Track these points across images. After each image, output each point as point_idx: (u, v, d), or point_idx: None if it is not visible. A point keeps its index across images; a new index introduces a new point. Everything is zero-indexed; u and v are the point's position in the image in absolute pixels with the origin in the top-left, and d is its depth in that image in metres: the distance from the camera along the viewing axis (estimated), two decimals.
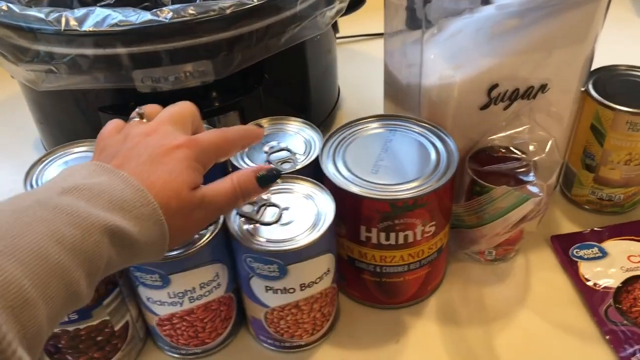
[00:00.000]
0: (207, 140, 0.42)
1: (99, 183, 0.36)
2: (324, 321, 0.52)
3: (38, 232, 0.31)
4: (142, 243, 0.36)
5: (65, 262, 0.32)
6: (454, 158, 0.51)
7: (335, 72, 0.80)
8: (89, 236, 0.33)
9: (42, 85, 0.60)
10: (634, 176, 0.61)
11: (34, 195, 0.34)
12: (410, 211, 0.48)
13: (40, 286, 0.30)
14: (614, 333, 0.52)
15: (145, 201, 0.36)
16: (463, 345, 0.53)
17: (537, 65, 0.54)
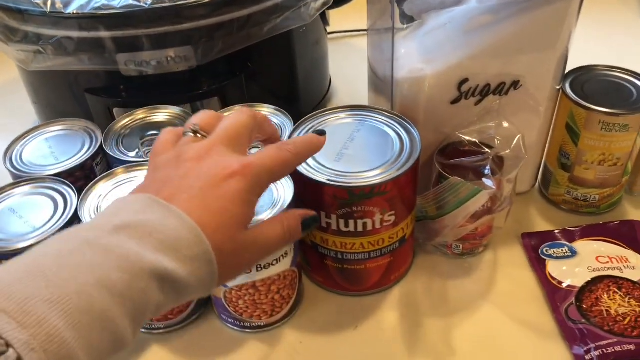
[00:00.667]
0: (262, 166, 0.39)
1: (152, 220, 0.34)
2: (284, 303, 0.54)
3: (84, 278, 0.30)
4: (191, 285, 0.35)
5: (112, 311, 0.31)
6: (416, 149, 0.51)
7: (325, 64, 0.81)
8: (138, 282, 0.32)
9: (31, 66, 0.63)
10: (608, 177, 0.61)
11: (82, 232, 0.33)
12: (367, 199, 0.49)
13: (84, 338, 0.29)
14: (571, 331, 0.52)
15: (198, 240, 0.35)
16: (421, 335, 0.54)
17: (508, 61, 0.55)
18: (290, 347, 0.54)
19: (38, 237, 0.47)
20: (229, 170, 0.38)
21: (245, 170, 0.38)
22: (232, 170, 0.38)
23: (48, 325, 0.28)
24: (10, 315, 0.27)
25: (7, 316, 0.27)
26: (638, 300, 0.54)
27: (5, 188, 0.52)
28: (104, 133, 0.57)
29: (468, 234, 0.57)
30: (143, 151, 0.56)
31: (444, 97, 0.56)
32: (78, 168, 0.55)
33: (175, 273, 0.33)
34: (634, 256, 0.58)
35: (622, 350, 0.50)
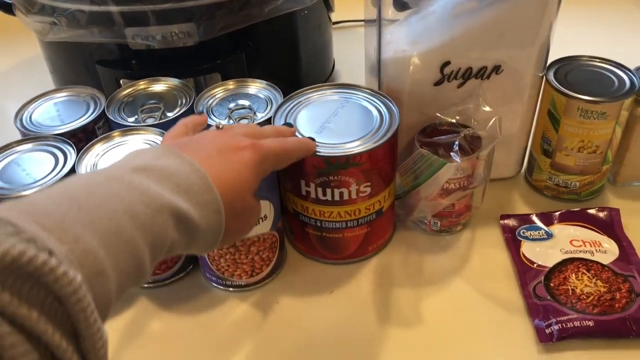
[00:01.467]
0: (270, 148, 0.45)
1: (167, 165, 0.37)
2: (263, 265, 0.57)
3: (114, 206, 0.32)
4: (201, 229, 0.37)
5: (136, 238, 0.32)
6: (394, 124, 0.54)
7: (328, 49, 0.84)
8: (159, 216, 0.34)
9: (47, 36, 0.67)
10: (588, 164, 0.63)
11: (105, 172, 0.36)
12: (343, 169, 0.52)
13: (113, 258, 0.31)
14: (536, 306, 0.55)
15: (209, 188, 0.38)
16: (393, 303, 0.57)
17: (489, 46, 0.57)
18: (267, 306, 0.57)
19: (38, 187, 0.51)
20: (242, 144, 0.43)
21: (256, 146, 0.43)
22: (244, 144, 0.43)
23: (83, 242, 0.29)
24: (49, 230, 0.28)
25: (46, 231, 0.28)
26: (605, 282, 0.56)
27: (12, 144, 0.56)
28: (107, 100, 0.62)
29: (445, 211, 0.60)
30: (141, 117, 0.60)
31: (427, 78, 0.59)
32: (80, 130, 0.59)
33: (190, 214, 0.36)
34: (608, 241, 0.60)
35: (581, 325, 0.52)
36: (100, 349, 0.28)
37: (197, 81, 0.69)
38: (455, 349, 0.53)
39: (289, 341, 0.54)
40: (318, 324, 0.55)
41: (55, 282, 0.26)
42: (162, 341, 0.54)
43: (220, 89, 0.63)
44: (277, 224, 0.56)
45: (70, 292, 0.26)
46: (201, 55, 0.69)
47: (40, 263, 0.25)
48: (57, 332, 0.26)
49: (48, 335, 0.26)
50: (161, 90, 0.64)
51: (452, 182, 0.56)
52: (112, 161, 0.52)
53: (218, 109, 0.60)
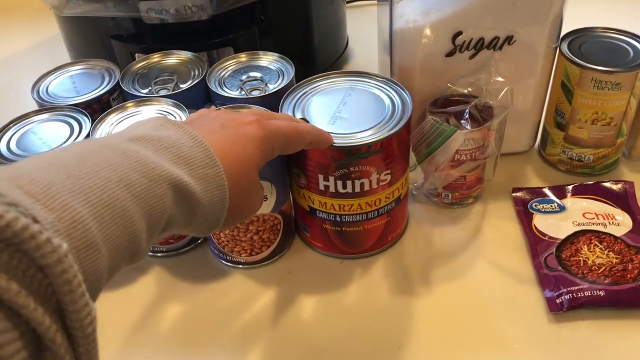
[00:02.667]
0: (277, 125, 0.42)
1: (168, 136, 0.35)
2: (263, 246, 0.57)
3: (106, 174, 0.30)
4: (203, 205, 0.35)
5: (131, 210, 0.30)
6: (408, 108, 0.52)
7: (341, 25, 0.84)
8: (156, 186, 0.31)
9: (63, 11, 0.68)
10: (602, 137, 0.62)
11: (100, 141, 0.33)
12: (364, 158, 0.50)
13: (105, 231, 0.28)
14: (547, 277, 0.54)
15: (212, 162, 0.35)
16: (403, 275, 0.57)
17: (501, 15, 0.57)
18: (279, 275, 0.58)
19: None
20: (247, 119, 0.41)
21: (262, 122, 0.41)
22: (249, 119, 0.41)
23: (72, 211, 0.26)
24: (35, 196, 0.26)
25: (32, 197, 0.26)
26: (617, 253, 0.55)
27: (29, 114, 0.57)
28: (121, 72, 0.62)
29: (456, 184, 0.60)
30: (155, 89, 0.60)
31: (439, 49, 0.59)
32: (95, 100, 0.60)
33: (190, 186, 0.33)
34: (621, 214, 0.60)
35: (592, 295, 0.52)
36: (88, 326, 0.25)
37: (210, 55, 0.69)
38: (466, 319, 0.53)
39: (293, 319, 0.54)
40: (328, 291, 0.56)
41: (36, 250, 0.23)
42: (170, 309, 0.55)
43: (233, 62, 0.63)
44: (280, 207, 0.56)
45: (53, 261, 0.24)
46: (214, 29, 0.69)
47: (19, 228, 0.23)
48: (39, 307, 0.24)
49: (29, 310, 0.23)
50: (174, 63, 0.64)
51: (463, 152, 0.56)
52: None
53: (230, 81, 0.61)
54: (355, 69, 0.84)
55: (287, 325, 0.53)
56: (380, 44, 0.72)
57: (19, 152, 0.53)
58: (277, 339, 0.52)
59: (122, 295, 0.57)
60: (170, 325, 0.54)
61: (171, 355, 0.52)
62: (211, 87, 0.60)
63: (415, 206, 0.64)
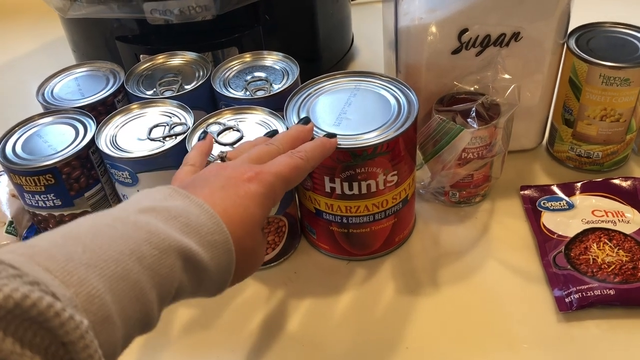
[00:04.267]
0: (276, 173, 0.42)
1: (175, 206, 0.36)
2: (268, 248, 0.56)
3: (120, 247, 0.31)
4: (211, 271, 0.36)
5: (143, 282, 0.31)
6: (414, 108, 0.52)
7: (346, 23, 0.83)
8: (166, 257, 0.33)
9: (68, 13, 0.68)
10: (611, 133, 0.61)
11: (111, 213, 0.34)
12: (370, 159, 0.49)
13: (119, 303, 0.29)
14: (556, 276, 0.54)
15: (219, 228, 0.36)
16: (410, 274, 0.57)
17: (508, 12, 0.56)
18: (285, 276, 0.57)
19: (59, 157, 0.52)
20: (247, 175, 0.40)
21: (261, 176, 0.41)
22: (248, 175, 0.40)
23: (89, 285, 0.28)
24: (53, 273, 0.27)
25: (50, 274, 0.27)
26: (627, 251, 0.55)
27: (34, 117, 0.57)
28: (126, 74, 0.62)
29: (464, 182, 0.59)
30: (159, 90, 0.60)
31: (445, 47, 0.58)
32: (100, 103, 0.60)
33: (199, 255, 0.34)
34: (631, 211, 0.59)
35: (601, 294, 0.51)
36: None
37: (215, 55, 0.69)
38: (474, 319, 0.52)
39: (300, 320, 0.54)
40: (335, 293, 0.55)
41: (60, 327, 0.25)
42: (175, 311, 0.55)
43: (237, 62, 0.63)
44: (285, 209, 0.55)
45: (76, 337, 0.25)
46: (218, 29, 0.69)
47: (44, 307, 0.24)
48: None
49: None
50: (179, 64, 0.64)
51: (470, 151, 0.56)
52: (130, 133, 0.54)
53: (235, 82, 0.60)
54: (360, 66, 0.85)
55: (294, 326, 0.53)
56: (386, 42, 0.72)
57: (24, 156, 0.53)
58: (285, 340, 0.52)
59: None
60: (178, 327, 0.54)
61: (180, 358, 0.52)
62: (216, 88, 0.59)
63: (422, 205, 0.63)
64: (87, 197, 0.55)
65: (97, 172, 0.55)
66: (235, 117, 0.55)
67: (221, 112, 0.56)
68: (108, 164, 0.53)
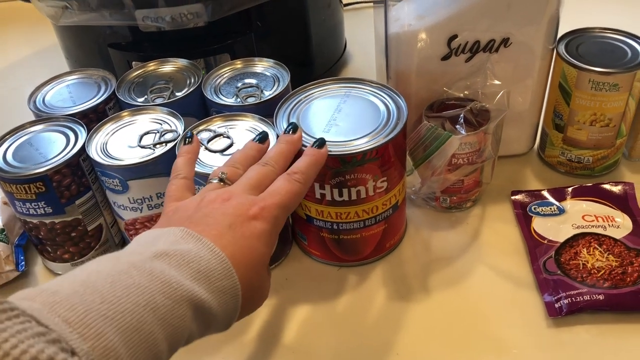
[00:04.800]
0: (278, 205, 0.42)
1: (188, 251, 0.36)
2: None
3: (135, 298, 0.32)
4: (219, 316, 0.37)
5: (156, 334, 0.32)
6: (403, 114, 0.52)
7: (339, 29, 0.84)
8: (178, 308, 0.34)
9: (60, 21, 0.69)
10: (601, 138, 0.61)
11: (126, 258, 0.35)
12: (360, 166, 0.50)
13: (133, 355, 0.30)
14: (545, 281, 0.54)
15: (228, 273, 0.37)
16: (398, 278, 0.57)
17: (497, 17, 0.56)
18: (277, 282, 0.57)
19: (50, 165, 0.52)
20: (252, 211, 0.40)
21: (265, 212, 0.41)
22: (254, 212, 0.40)
23: (105, 339, 0.29)
24: (72, 325, 0.29)
25: (69, 326, 0.29)
26: (617, 256, 0.55)
27: (25, 125, 0.57)
28: (117, 81, 0.62)
29: (454, 187, 0.60)
30: (151, 97, 0.60)
31: (434, 53, 0.59)
32: (91, 110, 0.60)
33: (208, 303, 0.35)
34: (621, 216, 0.59)
35: (591, 299, 0.51)
36: None
37: (207, 62, 0.69)
38: (464, 324, 0.52)
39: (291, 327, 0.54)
40: (326, 299, 0.56)
41: None
42: None
43: (228, 69, 0.63)
44: None
45: None
46: (211, 36, 0.69)
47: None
48: None
49: None
50: (170, 70, 0.64)
51: (460, 156, 0.56)
52: (121, 140, 0.54)
53: (226, 88, 0.60)
54: (353, 72, 0.85)
55: (285, 333, 0.53)
56: (378, 47, 0.72)
57: (15, 164, 0.53)
58: (276, 347, 0.52)
59: None
60: None
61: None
62: (207, 95, 0.60)
63: (413, 210, 0.63)
64: (78, 204, 0.55)
65: (88, 180, 0.55)
66: (226, 123, 0.55)
67: (211, 119, 0.56)
68: (98, 171, 0.53)
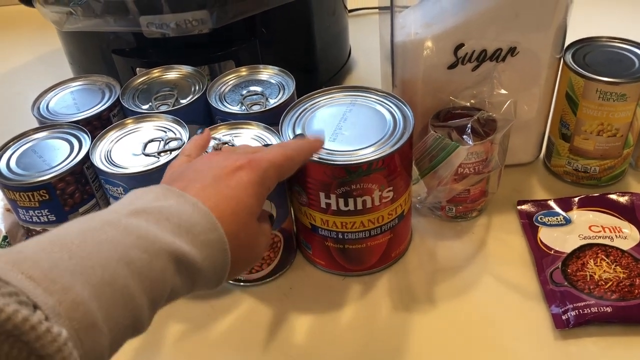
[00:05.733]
0: (269, 160, 0.41)
1: (168, 206, 0.35)
2: (263, 264, 0.56)
3: (107, 253, 0.31)
4: (205, 271, 0.35)
5: (132, 287, 0.31)
6: (409, 123, 0.51)
7: (343, 36, 0.83)
8: (157, 261, 0.32)
9: (64, 26, 0.68)
10: (608, 148, 0.61)
11: (102, 216, 0.34)
12: (366, 176, 0.49)
13: (106, 310, 0.29)
14: (552, 292, 0.54)
15: (213, 226, 0.36)
16: (404, 287, 0.56)
17: (504, 27, 0.56)
18: (281, 292, 0.57)
19: (53, 172, 0.52)
20: (238, 162, 0.40)
21: (253, 163, 0.40)
22: (240, 163, 0.40)
23: (73, 293, 0.27)
24: (36, 281, 0.27)
25: (33, 282, 0.27)
26: (624, 268, 0.54)
27: (29, 132, 0.57)
28: (122, 88, 0.62)
29: (460, 197, 0.59)
30: (155, 105, 0.60)
31: (441, 62, 0.58)
32: (95, 117, 0.60)
33: (191, 256, 0.34)
34: (628, 227, 0.59)
35: (598, 311, 0.51)
36: None
37: (211, 69, 0.69)
38: (470, 335, 0.52)
39: (295, 337, 0.54)
40: (330, 309, 0.55)
41: (37, 341, 0.24)
42: (169, 326, 0.55)
43: (233, 76, 0.63)
44: (280, 225, 0.55)
45: (54, 350, 0.25)
46: (215, 43, 0.69)
47: (19, 320, 0.24)
48: None
49: None
50: (175, 77, 0.64)
51: (467, 166, 0.55)
52: (125, 148, 0.54)
53: (230, 96, 0.60)
54: (358, 79, 0.84)
55: (288, 343, 0.53)
56: (383, 54, 0.72)
57: (19, 172, 0.53)
58: (280, 357, 0.51)
59: None
60: (170, 343, 0.54)
61: None
62: (211, 103, 0.59)
63: (418, 219, 0.63)
64: (82, 212, 0.55)
65: (92, 188, 0.55)
66: (231, 132, 0.55)
67: (216, 127, 0.55)
68: (102, 179, 0.53)
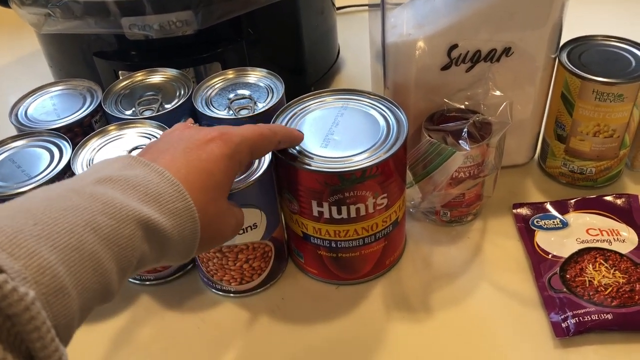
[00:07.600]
0: (242, 134, 0.41)
1: (134, 175, 0.35)
2: (254, 274, 0.54)
3: (73, 219, 0.30)
4: (174, 240, 0.35)
5: (100, 253, 0.30)
6: (403, 128, 0.50)
7: (332, 35, 0.82)
8: (124, 227, 0.32)
9: (43, 28, 0.66)
10: (604, 149, 0.60)
11: (66, 184, 0.33)
12: (359, 183, 0.47)
13: (75, 274, 0.29)
14: (551, 299, 0.52)
15: (180, 196, 0.35)
16: (399, 295, 0.55)
17: (498, 27, 0.54)
18: (272, 302, 0.55)
19: (33, 184, 0.50)
20: (210, 135, 0.39)
21: (224, 137, 0.40)
22: (212, 136, 0.39)
23: (39, 257, 0.27)
24: (1, 246, 0.27)
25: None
26: (623, 272, 0.53)
27: (7, 140, 0.55)
28: (104, 92, 0.60)
29: (455, 201, 0.58)
30: (139, 110, 0.58)
31: (434, 63, 0.56)
32: (77, 124, 0.57)
33: (160, 223, 0.34)
34: (626, 229, 0.58)
35: (599, 319, 0.50)
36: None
37: (197, 71, 0.67)
38: (467, 344, 0.51)
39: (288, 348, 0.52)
40: (324, 318, 0.53)
41: (3, 300, 0.24)
42: (160, 339, 0.53)
43: (219, 79, 0.61)
44: (270, 234, 0.53)
45: (21, 309, 0.25)
46: (200, 44, 0.67)
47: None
48: (9, 354, 0.25)
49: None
50: (159, 81, 0.62)
51: (462, 170, 0.54)
52: (108, 156, 0.51)
53: (217, 100, 0.58)
54: (347, 79, 0.83)
55: (281, 354, 0.51)
56: (373, 52, 0.70)
57: None
58: None
59: (110, 324, 0.54)
60: (159, 355, 0.52)
61: None
62: (197, 107, 0.57)
63: (412, 224, 0.61)
64: None
65: None
66: None
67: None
68: None
